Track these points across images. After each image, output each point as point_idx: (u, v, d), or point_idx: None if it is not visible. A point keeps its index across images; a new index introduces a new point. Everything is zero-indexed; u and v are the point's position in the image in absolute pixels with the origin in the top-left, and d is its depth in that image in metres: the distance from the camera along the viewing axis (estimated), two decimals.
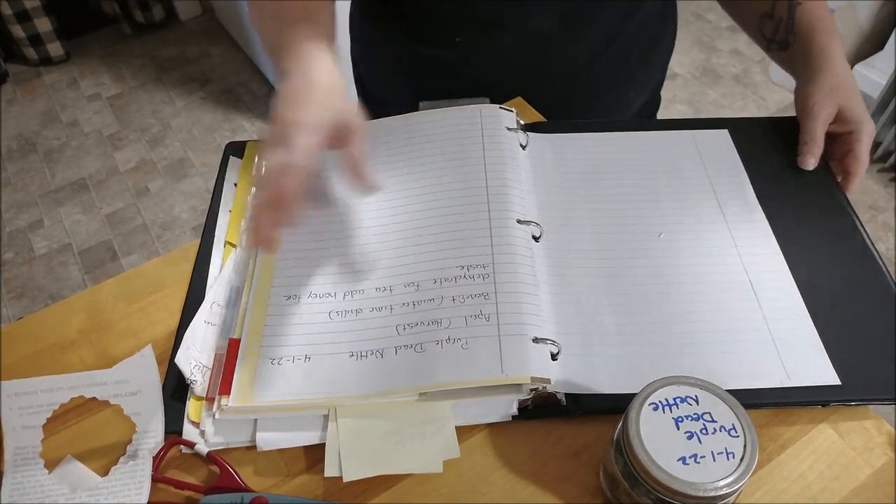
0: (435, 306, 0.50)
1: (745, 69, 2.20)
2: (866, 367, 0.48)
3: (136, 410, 0.48)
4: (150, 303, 0.56)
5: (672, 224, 0.57)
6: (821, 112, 0.59)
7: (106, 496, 0.44)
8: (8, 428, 0.47)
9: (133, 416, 0.48)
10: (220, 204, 0.60)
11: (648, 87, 0.81)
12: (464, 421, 0.47)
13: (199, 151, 2.05)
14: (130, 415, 0.48)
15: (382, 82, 0.81)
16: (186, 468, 0.46)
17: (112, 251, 1.81)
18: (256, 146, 0.65)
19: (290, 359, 0.49)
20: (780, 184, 0.60)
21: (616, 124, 0.65)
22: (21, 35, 2.21)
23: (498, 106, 0.63)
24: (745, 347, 0.49)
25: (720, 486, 0.36)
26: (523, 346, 0.47)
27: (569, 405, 0.47)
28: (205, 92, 2.22)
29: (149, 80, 2.28)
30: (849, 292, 0.52)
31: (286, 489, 0.45)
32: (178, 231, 1.85)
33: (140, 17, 2.37)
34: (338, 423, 0.46)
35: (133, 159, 2.04)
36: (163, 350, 0.52)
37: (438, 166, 0.59)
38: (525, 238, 0.54)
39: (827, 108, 0.59)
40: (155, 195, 1.94)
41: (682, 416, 0.39)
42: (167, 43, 2.41)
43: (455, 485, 0.45)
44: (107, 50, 2.39)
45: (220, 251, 0.57)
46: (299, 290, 0.53)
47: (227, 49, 2.37)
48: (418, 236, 0.55)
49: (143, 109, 2.18)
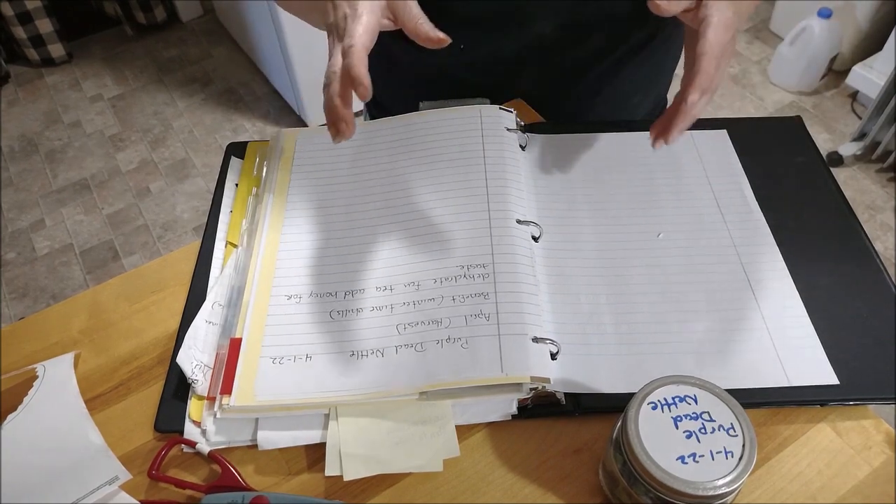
0: (435, 306, 0.50)
1: (743, 70, 2.21)
2: (865, 367, 0.48)
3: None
4: (152, 303, 0.56)
5: (671, 224, 0.57)
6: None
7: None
8: None
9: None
10: (221, 204, 0.61)
11: (655, 92, 0.81)
12: (464, 420, 0.47)
13: (200, 152, 2.05)
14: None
15: (387, 87, 0.82)
16: (188, 467, 0.47)
17: (114, 251, 1.82)
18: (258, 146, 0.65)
19: (291, 358, 0.49)
20: (779, 184, 0.60)
21: (616, 124, 0.66)
22: (23, 36, 2.21)
23: (498, 106, 0.64)
24: (744, 347, 0.49)
25: (719, 485, 0.36)
26: (523, 346, 0.47)
27: (568, 404, 0.47)
28: (206, 93, 2.23)
29: (150, 80, 2.28)
30: (847, 292, 0.52)
31: (287, 488, 0.45)
32: (180, 231, 1.86)
33: (142, 18, 2.38)
34: (338, 423, 0.46)
35: (135, 160, 2.04)
36: (164, 350, 0.53)
37: (438, 166, 0.60)
38: (525, 238, 0.54)
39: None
40: (156, 195, 1.94)
41: (681, 416, 0.39)
42: (169, 44, 2.41)
43: (455, 484, 0.45)
44: (108, 51, 2.39)
45: (221, 251, 0.57)
46: (300, 289, 0.53)
47: (229, 50, 2.37)
48: (418, 236, 0.55)
49: (145, 110, 2.18)
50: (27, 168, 2.03)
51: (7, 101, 2.23)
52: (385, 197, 0.58)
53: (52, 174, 2.01)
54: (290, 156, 0.63)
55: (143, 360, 0.53)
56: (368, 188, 0.59)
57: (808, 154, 0.63)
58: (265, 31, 1.91)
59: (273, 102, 2.17)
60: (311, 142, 0.64)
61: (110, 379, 0.52)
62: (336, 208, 0.58)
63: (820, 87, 2.12)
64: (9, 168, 2.03)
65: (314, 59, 1.85)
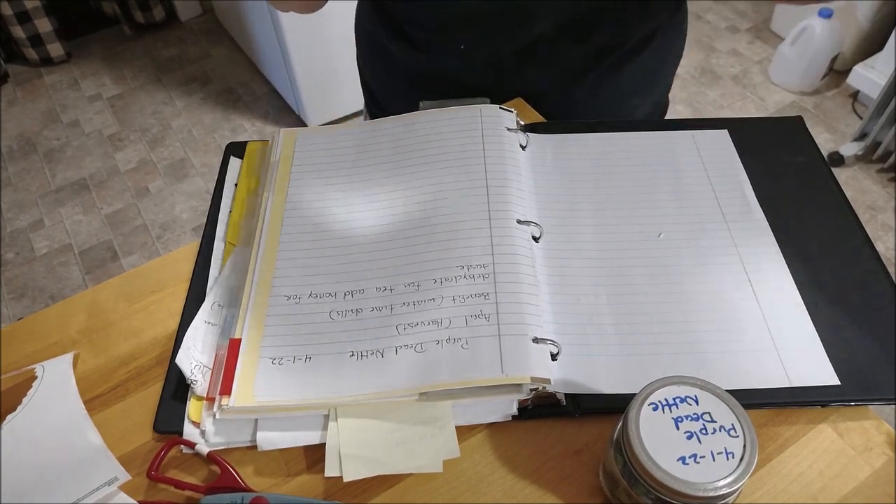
0: (435, 306, 0.50)
1: (744, 70, 2.21)
2: (865, 368, 0.48)
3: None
4: (151, 303, 0.56)
5: (672, 224, 0.57)
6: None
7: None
8: None
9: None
10: (220, 204, 0.61)
11: (655, 93, 0.80)
12: (464, 421, 0.47)
13: (199, 152, 2.05)
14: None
15: (387, 88, 0.82)
16: (187, 468, 0.47)
17: (112, 251, 1.82)
18: (257, 146, 0.65)
19: (291, 359, 0.49)
20: (780, 184, 0.60)
21: (616, 124, 0.66)
22: (21, 35, 2.21)
23: (498, 106, 0.64)
24: (745, 347, 0.49)
25: (720, 486, 0.36)
26: (523, 346, 0.47)
27: (568, 405, 0.47)
28: (205, 92, 2.23)
29: (149, 80, 2.28)
30: (848, 292, 0.52)
31: (286, 489, 0.45)
32: (179, 231, 1.85)
33: (140, 18, 2.37)
34: (338, 423, 0.46)
35: (133, 159, 2.04)
36: (163, 350, 0.53)
37: (439, 166, 0.59)
38: (525, 238, 0.54)
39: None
40: (155, 195, 1.94)
41: (682, 416, 0.39)
42: (167, 43, 2.41)
43: (455, 484, 0.45)
44: (107, 50, 2.39)
45: (220, 251, 0.57)
46: (300, 289, 0.53)
47: (228, 49, 2.37)
48: (418, 236, 0.55)
49: (144, 110, 2.18)
50: (26, 168, 2.03)
51: (6, 101, 2.23)
52: (385, 197, 0.58)
53: (51, 174, 2.01)
54: (290, 155, 0.62)
55: (143, 361, 0.52)
56: (368, 188, 0.59)
57: (809, 154, 0.63)
58: (264, 30, 1.91)
59: (272, 102, 2.17)
60: (310, 142, 0.64)
61: (109, 379, 0.51)
62: (336, 208, 0.58)
63: (821, 87, 2.12)
64: (7, 168, 2.03)
65: (314, 59, 1.85)
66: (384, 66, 0.79)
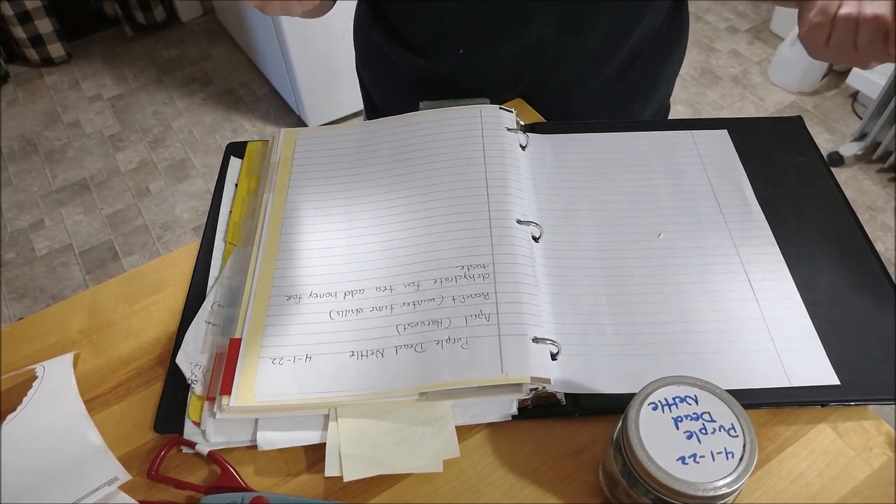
0: (435, 306, 0.50)
1: (743, 70, 2.20)
2: (865, 368, 0.48)
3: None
4: (152, 303, 0.56)
5: (671, 224, 0.57)
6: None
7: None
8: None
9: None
10: (220, 204, 0.61)
11: (656, 97, 0.80)
12: (464, 421, 0.47)
13: (199, 152, 2.05)
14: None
15: (386, 92, 0.82)
16: (187, 468, 0.47)
17: (113, 251, 1.82)
18: (257, 147, 0.65)
19: (291, 358, 0.49)
20: (780, 184, 0.60)
21: (616, 125, 0.66)
22: (22, 36, 2.21)
23: (498, 106, 0.64)
24: (745, 347, 0.49)
25: (719, 486, 0.36)
26: (523, 346, 0.47)
27: (568, 405, 0.47)
28: (206, 93, 2.23)
29: (150, 80, 2.28)
30: (848, 292, 0.52)
31: (287, 489, 0.45)
32: (179, 231, 1.85)
33: (141, 18, 2.38)
34: (338, 423, 0.46)
35: (134, 160, 2.04)
36: (164, 350, 0.53)
37: (438, 166, 0.59)
38: (525, 238, 0.54)
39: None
40: (156, 196, 1.94)
41: (682, 416, 0.39)
42: (168, 44, 2.41)
43: (455, 484, 0.45)
44: (108, 51, 2.39)
45: (220, 251, 0.57)
46: (300, 289, 0.53)
47: (229, 50, 2.37)
48: (418, 236, 0.55)
49: (145, 110, 2.18)
50: (26, 168, 2.03)
51: (6, 101, 2.23)
52: (385, 197, 0.58)
53: (52, 174, 2.01)
54: (290, 156, 0.63)
55: (143, 361, 0.52)
56: (368, 188, 0.59)
57: (809, 154, 0.63)
58: (265, 31, 1.91)
59: (273, 102, 2.17)
60: (310, 142, 0.64)
61: (110, 379, 0.51)
62: (336, 208, 0.58)
63: (821, 88, 2.12)
64: (8, 168, 2.03)
65: (314, 60, 1.85)
66: (383, 71, 0.79)
